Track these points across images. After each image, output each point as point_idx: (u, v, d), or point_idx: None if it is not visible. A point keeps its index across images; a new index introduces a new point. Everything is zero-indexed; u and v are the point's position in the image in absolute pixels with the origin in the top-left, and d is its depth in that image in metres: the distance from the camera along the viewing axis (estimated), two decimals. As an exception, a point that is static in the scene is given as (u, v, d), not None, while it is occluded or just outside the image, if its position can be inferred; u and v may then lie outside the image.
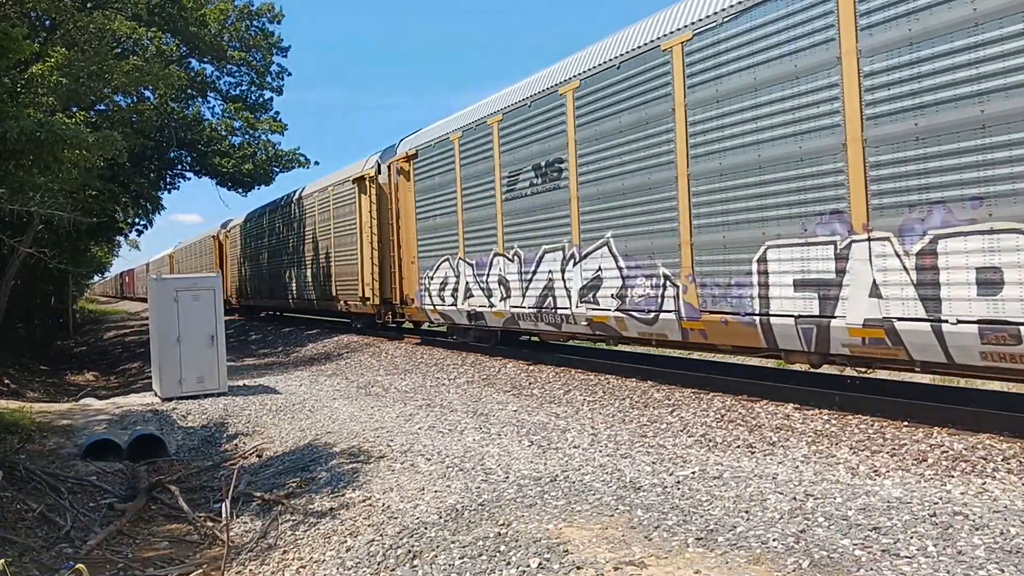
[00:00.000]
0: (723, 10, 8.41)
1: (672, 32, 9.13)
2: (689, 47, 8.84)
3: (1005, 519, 4.58)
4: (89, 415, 12.51)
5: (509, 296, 12.50)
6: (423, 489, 6.57)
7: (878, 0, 6.81)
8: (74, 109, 17.02)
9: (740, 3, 8.20)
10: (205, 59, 25.85)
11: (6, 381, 19.12)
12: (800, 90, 7.55)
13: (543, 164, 11.54)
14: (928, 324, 6.52)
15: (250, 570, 6.32)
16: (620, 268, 10.05)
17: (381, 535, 5.82)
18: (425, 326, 18.64)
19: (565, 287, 11.09)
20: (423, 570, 4.91)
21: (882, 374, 8.54)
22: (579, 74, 10.80)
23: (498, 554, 4.81)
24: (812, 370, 9.49)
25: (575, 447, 7.47)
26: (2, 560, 4.61)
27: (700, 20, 8.72)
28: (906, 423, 7.03)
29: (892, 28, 6.70)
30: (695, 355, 11.72)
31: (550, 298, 11.46)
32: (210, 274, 15.43)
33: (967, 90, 6.19)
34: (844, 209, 7.19)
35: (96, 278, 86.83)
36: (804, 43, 7.51)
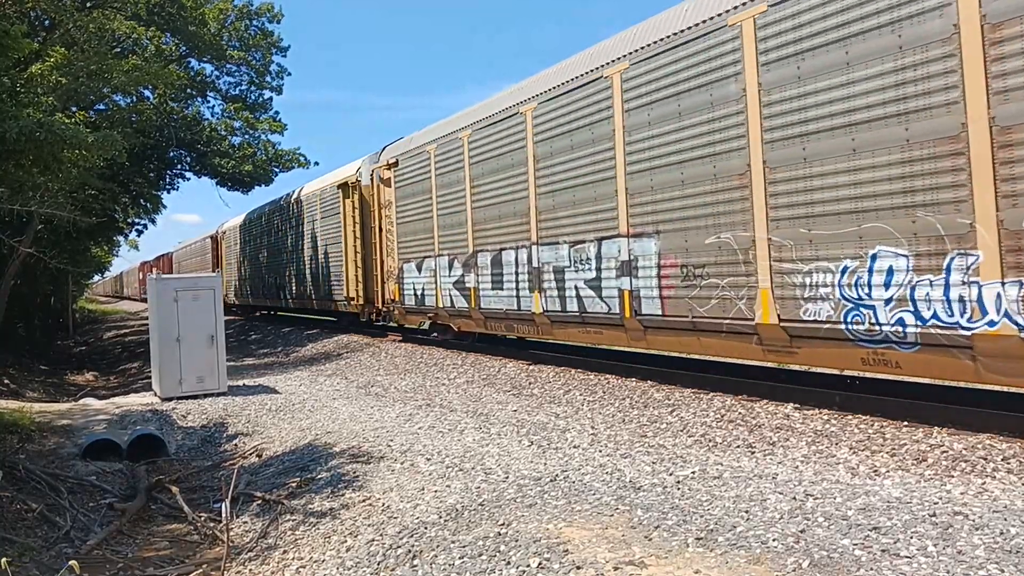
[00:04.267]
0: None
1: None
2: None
3: (1005, 519, 4.58)
4: (89, 415, 12.50)
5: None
6: (423, 489, 6.57)
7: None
8: (74, 109, 17.00)
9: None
10: (205, 59, 25.82)
11: (6, 381, 19.12)
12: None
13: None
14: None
15: (250, 570, 6.32)
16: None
17: (381, 535, 5.82)
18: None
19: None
20: (423, 570, 4.91)
21: (882, 374, 8.55)
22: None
23: (498, 554, 4.81)
24: (812, 370, 9.51)
25: (575, 447, 7.47)
26: (4, 559, 4.60)
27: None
28: (906, 423, 7.03)
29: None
30: (695, 355, 11.72)
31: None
32: (210, 274, 15.43)
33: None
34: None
35: (96, 278, 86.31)
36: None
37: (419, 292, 15.89)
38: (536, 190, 11.95)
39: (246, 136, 27.99)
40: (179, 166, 28.20)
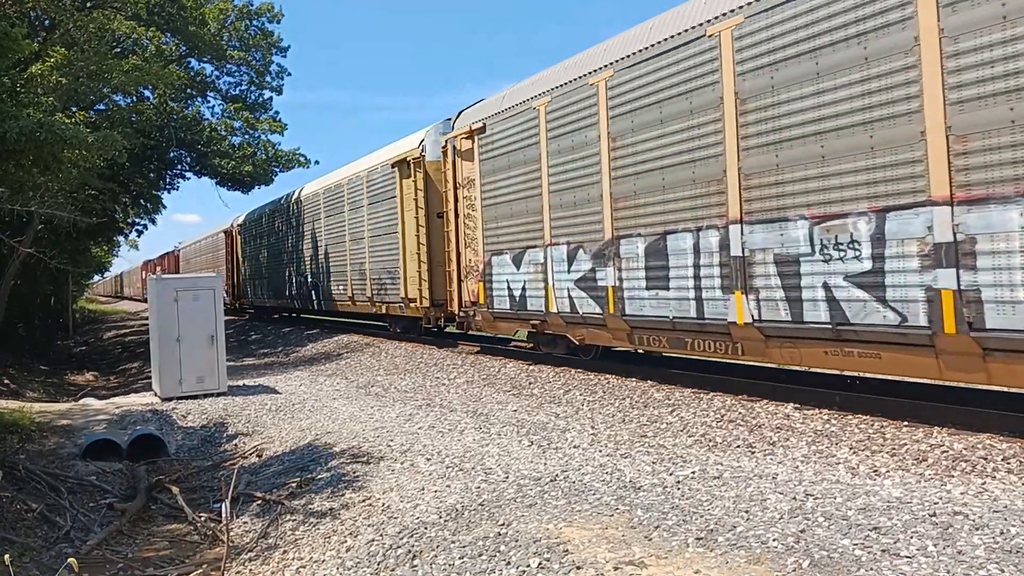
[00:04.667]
0: None
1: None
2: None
3: (1005, 519, 4.58)
4: (89, 415, 12.50)
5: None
6: (423, 489, 6.58)
7: None
8: (74, 109, 17.02)
9: None
10: (205, 59, 25.83)
11: (6, 381, 19.12)
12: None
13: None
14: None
15: (250, 570, 6.32)
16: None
17: (381, 535, 5.82)
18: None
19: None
20: (423, 570, 4.91)
21: (882, 374, 8.55)
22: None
23: (498, 554, 4.81)
24: (812, 370, 9.51)
25: (575, 447, 7.47)
26: (7, 556, 4.60)
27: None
28: (906, 423, 7.03)
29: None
30: (695, 355, 11.71)
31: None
32: (210, 274, 15.43)
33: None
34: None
35: (96, 278, 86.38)
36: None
37: (516, 293, 12.50)
38: (740, 143, 8.31)
39: (246, 136, 28.00)
40: (179, 166, 28.21)
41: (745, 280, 8.41)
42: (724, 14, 8.57)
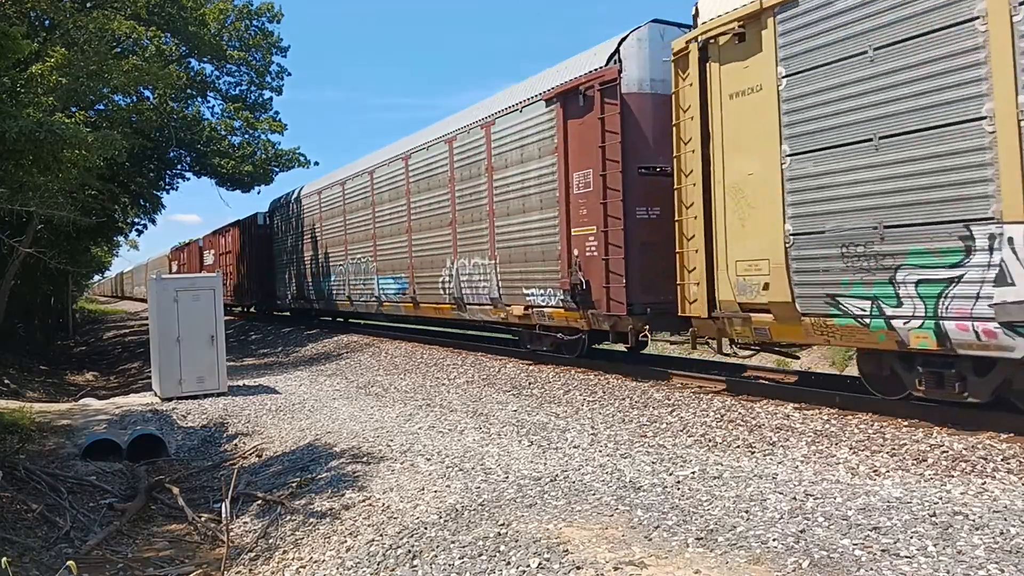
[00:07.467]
0: None
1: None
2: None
3: (1005, 519, 4.58)
4: (89, 415, 12.51)
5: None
6: (423, 489, 6.58)
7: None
8: (74, 109, 17.01)
9: None
10: (205, 59, 25.81)
11: (6, 381, 19.12)
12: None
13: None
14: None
15: (250, 570, 6.32)
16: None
17: (381, 535, 5.82)
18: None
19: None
20: (423, 570, 4.91)
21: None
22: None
23: (498, 554, 4.81)
24: (812, 370, 9.51)
25: (575, 447, 7.47)
26: (5, 559, 4.60)
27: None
28: (906, 423, 7.03)
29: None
30: (695, 355, 11.73)
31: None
32: (210, 274, 15.43)
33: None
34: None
35: (96, 278, 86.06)
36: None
37: None
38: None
39: (246, 136, 27.98)
40: (179, 166, 28.20)
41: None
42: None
